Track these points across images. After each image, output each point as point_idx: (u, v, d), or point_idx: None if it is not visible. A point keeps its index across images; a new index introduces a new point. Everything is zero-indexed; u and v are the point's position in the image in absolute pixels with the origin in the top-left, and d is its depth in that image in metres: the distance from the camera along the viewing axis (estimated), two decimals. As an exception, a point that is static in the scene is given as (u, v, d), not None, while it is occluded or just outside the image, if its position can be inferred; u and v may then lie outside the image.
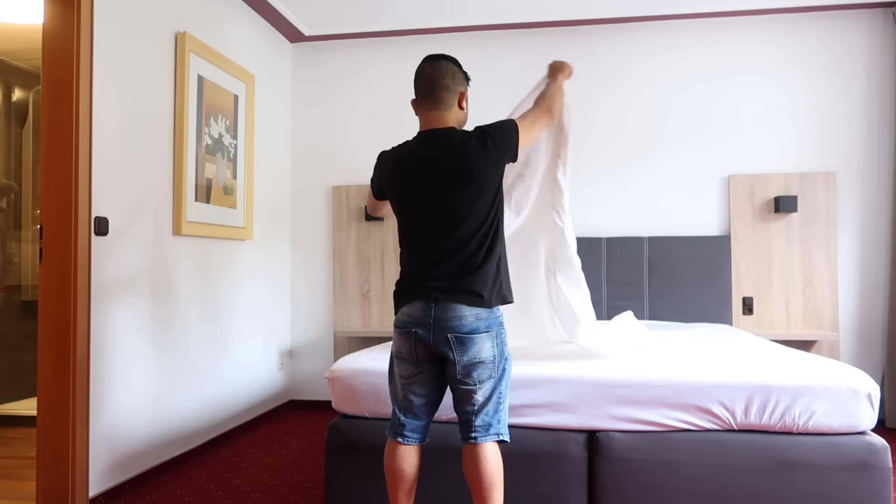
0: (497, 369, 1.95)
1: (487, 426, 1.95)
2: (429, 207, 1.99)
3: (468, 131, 2.01)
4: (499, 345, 1.96)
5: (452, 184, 1.95)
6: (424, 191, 1.99)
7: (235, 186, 3.93)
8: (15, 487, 3.03)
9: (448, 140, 1.98)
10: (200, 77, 3.54)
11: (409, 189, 2.02)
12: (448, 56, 2.09)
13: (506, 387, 2.00)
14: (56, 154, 2.66)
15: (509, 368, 2.02)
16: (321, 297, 4.72)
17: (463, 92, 2.06)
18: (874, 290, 4.14)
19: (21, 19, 3.92)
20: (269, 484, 3.07)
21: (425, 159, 1.99)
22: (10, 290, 4.64)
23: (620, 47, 4.42)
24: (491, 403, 1.95)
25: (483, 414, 1.95)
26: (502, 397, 1.98)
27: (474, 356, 1.92)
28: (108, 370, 2.85)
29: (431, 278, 1.96)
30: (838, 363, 2.37)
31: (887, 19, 4.16)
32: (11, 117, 4.73)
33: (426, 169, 1.99)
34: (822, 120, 4.21)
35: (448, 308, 1.92)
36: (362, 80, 4.71)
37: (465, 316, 1.91)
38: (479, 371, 1.93)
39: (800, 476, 2.14)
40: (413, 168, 2.01)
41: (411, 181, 2.01)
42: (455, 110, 2.05)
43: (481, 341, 1.92)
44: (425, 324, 1.94)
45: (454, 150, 1.96)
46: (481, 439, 1.94)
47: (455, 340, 1.92)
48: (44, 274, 2.66)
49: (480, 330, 1.92)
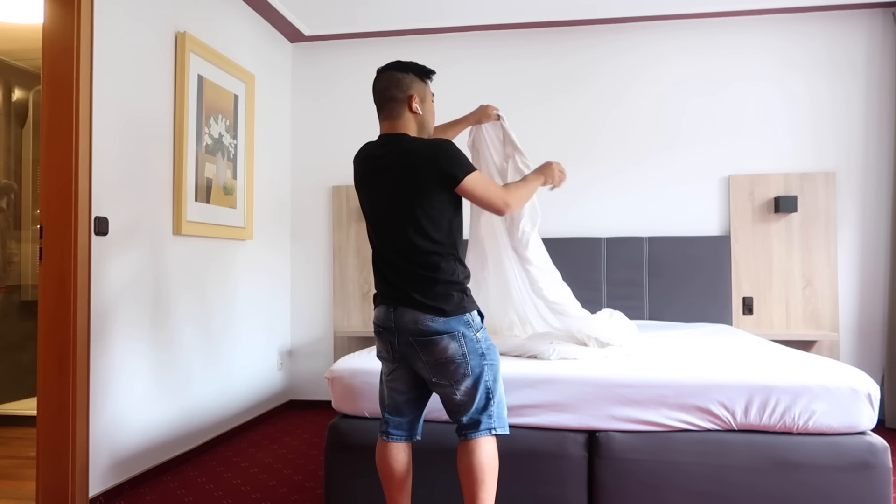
0: (470, 367, 1.93)
1: (476, 423, 1.95)
2: (380, 211, 2.04)
3: (423, 142, 1.99)
4: (467, 342, 1.93)
5: (394, 190, 1.99)
6: (376, 194, 2.05)
7: (235, 186, 3.93)
8: (15, 487, 3.03)
9: (392, 147, 2.01)
10: (200, 77, 3.54)
11: (360, 192, 2.11)
12: (396, 63, 2.09)
13: (494, 381, 1.98)
14: (56, 154, 2.66)
15: (492, 362, 1.98)
16: (321, 297, 4.72)
17: (412, 95, 2.04)
18: (874, 289, 4.14)
19: (21, 19, 3.92)
20: (269, 484, 3.07)
21: (370, 162, 2.05)
22: (10, 290, 4.64)
23: (620, 48, 4.42)
24: (476, 400, 1.94)
25: (471, 412, 1.95)
26: (491, 392, 1.96)
27: (439, 356, 1.92)
28: (108, 370, 2.85)
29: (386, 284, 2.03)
30: (838, 363, 2.38)
31: (887, 19, 4.16)
32: (11, 117, 4.73)
33: (369, 173, 2.05)
34: (821, 120, 4.21)
35: (405, 312, 1.94)
36: (362, 80, 4.71)
37: (419, 320, 1.92)
38: (450, 371, 1.93)
39: (800, 476, 2.15)
40: (362, 173, 2.09)
41: (362, 184, 2.09)
42: (406, 117, 2.05)
43: (443, 342, 1.91)
44: (389, 327, 1.99)
45: (395, 158, 1.98)
46: (472, 435, 1.95)
47: (416, 343, 1.94)
48: (44, 274, 2.66)
49: (440, 331, 1.91)
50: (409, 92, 2.05)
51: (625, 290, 4.23)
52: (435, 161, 1.94)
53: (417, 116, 2.07)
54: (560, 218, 4.43)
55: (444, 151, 1.95)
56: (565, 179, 2.35)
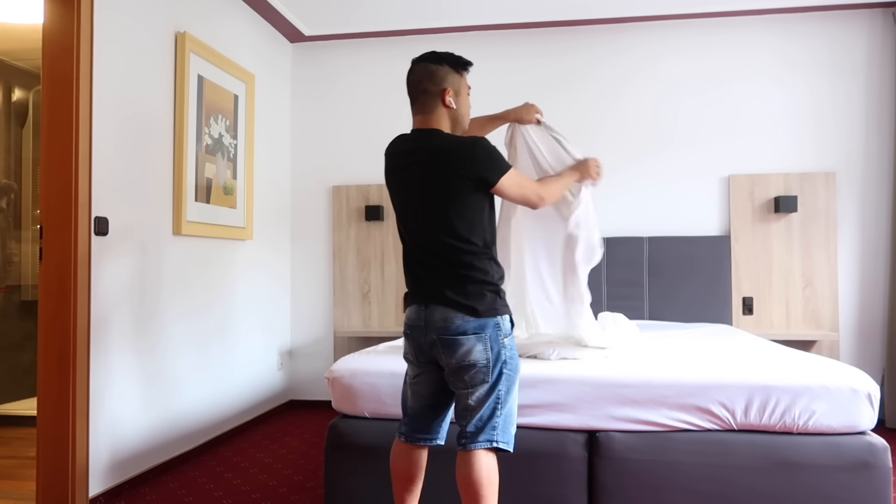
0: (491, 374, 1.86)
1: (478, 432, 1.86)
2: (410, 208, 1.99)
3: (456, 139, 1.93)
4: (493, 346, 1.87)
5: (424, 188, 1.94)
6: (406, 192, 2.00)
7: (235, 186, 3.93)
8: (15, 487, 3.03)
9: (424, 143, 1.96)
10: (200, 77, 3.54)
11: (391, 187, 2.06)
12: (431, 54, 2.01)
13: (506, 393, 1.89)
14: (56, 154, 2.66)
15: (512, 374, 1.91)
16: (321, 297, 4.72)
17: (446, 88, 1.97)
18: (874, 289, 4.14)
19: (21, 19, 3.92)
20: (269, 484, 3.07)
21: (402, 158, 2.01)
22: (10, 290, 4.64)
23: (620, 48, 4.42)
24: (484, 409, 1.87)
25: (475, 419, 1.87)
26: (501, 403, 1.88)
27: (462, 358, 1.86)
28: (108, 370, 2.85)
29: (417, 283, 2.00)
30: (838, 363, 2.38)
31: (887, 19, 4.16)
32: (11, 117, 4.73)
33: (400, 168, 2.01)
34: (821, 120, 4.21)
35: (436, 310, 1.90)
36: (362, 80, 4.71)
37: (449, 317, 1.88)
38: (470, 375, 1.86)
39: (800, 476, 2.15)
40: (393, 168, 2.04)
41: (392, 179, 2.04)
42: (440, 111, 1.98)
43: (468, 343, 1.86)
44: (419, 326, 1.95)
45: (428, 156, 1.93)
46: (471, 445, 1.86)
47: (440, 342, 1.89)
48: (44, 274, 2.66)
49: (468, 331, 1.86)
50: (442, 85, 1.97)
51: (625, 290, 4.23)
52: (469, 163, 1.88)
53: (451, 111, 1.99)
54: (560, 218, 4.43)
55: (479, 152, 1.89)
56: (601, 177, 2.34)
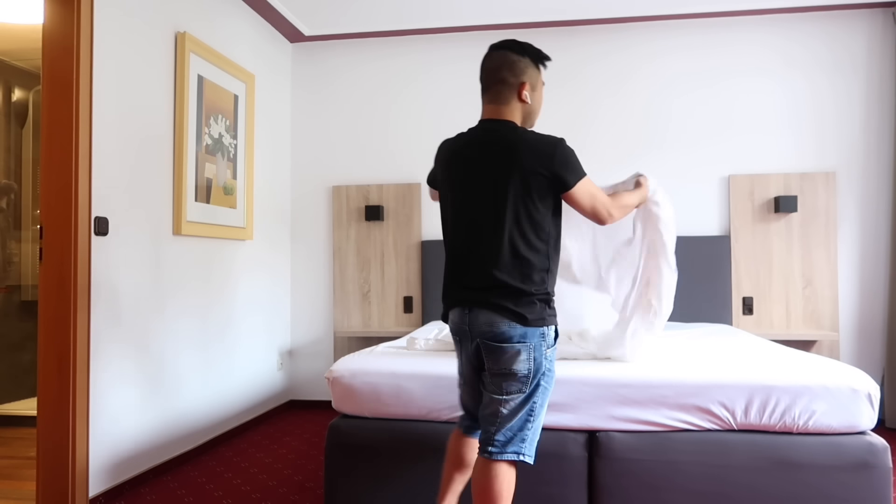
0: (529, 385, 1.82)
1: (507, 443, 1.82)
2: (469, 204, 1.90)
3: (536, 137, 1.85)
4: (536, 357, 1.82)
5: (496, 183, 1.85)
6: (467, 186, 1.91)
7: (235, 186, 3.93)
8: (15, 487, 3.03)
9: (493, 136, 1.88)
10: (200, 77, 3.54)
11: (450, 181, 1.96)
12: (513, 42, 1.93)
13: (540, 406, 1.86)
14: (56, 154, 2.66)
15: (547, 387, 1.88)
16: (321, 297, 4.72)
17: (524, 82, 1.90)
18: (874, 289, 4.14)
19: (21, 19, 3.92)
20: (269, 484, 3.07)
21: (471, 149, 1.92)
22: (10, 290, 4.64)
23: (619, 48, 4.42)
24: (517, 420, 1.82)
25: (506, 429, 1.82)
26: (533, 416, 1.84)
27: (504, 366, 1.82)
28: (108, 370, 2.85)
29: (464, 284, 1.91)
30: (838, 363, 2.38)
31: (887, 19, 4.16)
32: (11, 117, 4.73)
33: (462, 161, 1.92)
34: (821, 120, 4.21)
35: (481, 314, 1.85)
36: (362, 80, 4.71)
37: (494, 322, 1.82)
38: (508, 383, 1.82)
39: (800, 476, 2.15)
40: (457, 161, 1.95)
41: (453, 173, 1.95)
42: (514, 104, 1.91)
43: (513, 351, 1.81)
44: (463, 331, 1.92)
45: (497, 149, 1.85)
46: (497, 455, 1.82)
47: (484, 348, 1.86)
48: (44, 274, 2.66)
49: (514, 339, 1.81)
50: (521, 78, 1.90)
51: (625, 290, 4.23)
52: (549, 160, 1.81)
53: (525, 105, 1.92)
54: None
55: (560, 151, 1.82)
56: None
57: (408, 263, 4.57)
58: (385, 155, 4.66)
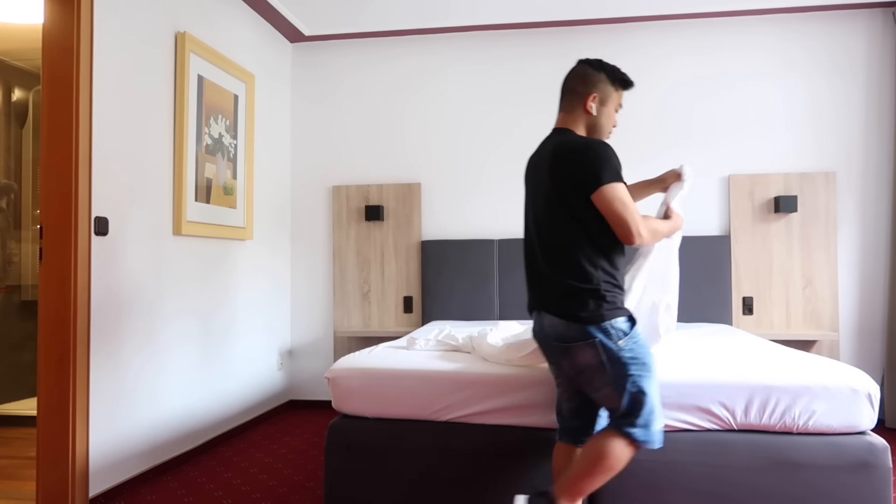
0: (610, 376, 1.85)
1: (619, 424, 1.87)
2: (530, 208, 2.02)
3: (575, 139, 1.90)
4: (605, 351, 1.84)
5: (539, 189, 1.97)
6: (530, 190, 2.04)
7: (235, 186, 3.93)
8: (15, 487, 3.03)
9: (550, 142, 1.98)
10: (200, 77, 3.54)
11: (526, 184, 2.10)
12: (595, 60, 2.00)
13: (641, 390, 1.84)
14: (56, 154, 2.66)
15: (639, 372, 1.85)
16: (321, 297, 4.72)
17: (592, 94, 1.96)
18: (874, 289, 4.14)
19: (21, 19, 3.92)
20: (269, 484, 3.07)
21: (534, 158, 2.05)
22: (10, 290, 4.64)
23: (620, 49, 4.42)
24: (623, 407, 1.86)
25: (617, 416, 1.88)
26: (639, 401, 1.84)
27: (576, 362, 1.89)
28: (108, 370, 2.85)
29: (531, 287, 2.03)
30: (838, 363, 2.38)
31: (887, 19, 4.16)
32: (11, 117, 4.73)
33: (530, 167, 2.06)
34: (821, 120, 4.21)
35: (545, 318, 1.94)
36: (362, 80, 4.71)
37: (556, 324, 1.90)
38: (588, 377, 1.89)
39: (800, 476, 2.14)
40: (528, 165, 2.09)
41: (526, 177, 2.09)
42: (578, 113, 1.98)
43: (578, 348, 1.87)
44: (537, 332, 2.01)
45: (546, 154, 1.95)
46: (611, 427, 1.88)
47: (556, 349, 1.93)
48: (44, 274, 2.66)
49: (576, 337, 1.86)
50: (590, 89, 1.96)
51: (625, 290, 4.22)
52: (580, 158, 1.84)
53: (590, 117, 1.98)
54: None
55: (594, 150, 1.83)
56: None
57: (408, 263, 4.57)
58: (385, 155, 4.66)
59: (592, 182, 1.83)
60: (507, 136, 4.52)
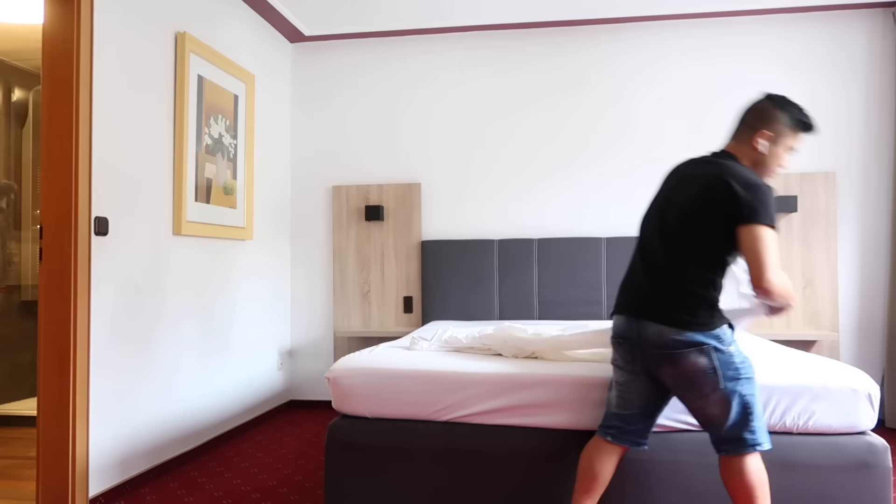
0: (721, 382, 1.86)
1: (737, 440, 1.89)
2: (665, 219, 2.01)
3: (746, 171, 1.90)
4: (719, 357, 1.86)
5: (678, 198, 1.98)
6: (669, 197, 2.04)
7: (235, 186, 3.93)
8: (15, 487, 3.03)
9: (713, 162, 1.97)
10: (200, 77, 3.54)
11: (666, 190, 2.11)
12: (782, 97, 2.01)
13: (751, 395, 1.88)
14: (56, 154, 2.66)
15: (748, 376, 1.89)
16: (321, 297, 4.72)
17: (762, 130, 1.94)
18: (874, 289, 4.14)
19: (21, 19, 3.92)
20: (269, 484, 3.07)
21: (683, 169, 2.09)
22: (10, 290, 4.64)
23: (619, 49, 4.42)
24: (733, 415, 1.87)
25: (727, 426, 1.89)
26: (750, 407, 1.88)
27: (686, 370, 1.88)
28: (109, 370, 2.85)
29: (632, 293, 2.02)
30: (838, 363, 2.38)
31: (887, 19, 4.16)
32: (11, 117, 4.73)
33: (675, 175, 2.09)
34: (821, 119, 4.21)
35: (649, 325, 1.93)
36: (362, 81, 4.71)
37: (664, 332, 1.89)
38: (698, 384, 1.88)
39: (800, 476, 2.14)
40: (680, 173, 2.09)
41: (672, 184, 2.09)
42: (745, 146, 1.98)
43: (691, 356, 1.86)
44: (630, 338, 1.98)
45: (707, 174, 1.93)
46: (733, 452, 1.90)
47: (661, 356, 1.92)
48: (44, 274, 2.66)
49: (689, 344, 1.86)
50: (763, 125, 1.96)
51: (625, 290, 4.22)
52: (746, 189, 1.82)
53: (755, 153, 1.97)
54: (560, 218, 4.44)
55: (762, 190, 1.83)
56: None
57: (408, 263, 4.57)
58: (385, 155, 4.66)
59: (750, 216, 1.82)
60: (508, 135, 4.52)
